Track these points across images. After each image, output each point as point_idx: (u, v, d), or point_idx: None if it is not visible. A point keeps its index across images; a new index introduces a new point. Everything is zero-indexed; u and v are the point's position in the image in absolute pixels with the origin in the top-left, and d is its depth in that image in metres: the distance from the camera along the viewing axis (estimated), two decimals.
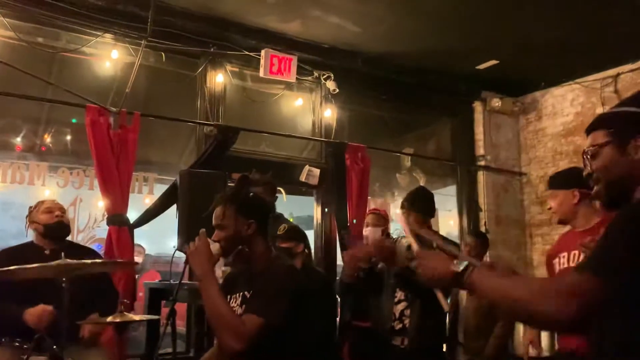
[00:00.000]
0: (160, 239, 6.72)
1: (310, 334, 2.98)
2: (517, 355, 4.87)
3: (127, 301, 2.95)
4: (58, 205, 3.35)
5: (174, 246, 2.63)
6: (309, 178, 5.40)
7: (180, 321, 4.62)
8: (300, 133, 5.65)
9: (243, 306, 2.21)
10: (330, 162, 5.51)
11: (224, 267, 3.47)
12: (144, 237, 6.29)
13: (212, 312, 2.11)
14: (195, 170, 4.31)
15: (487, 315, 4.34)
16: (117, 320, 2.54)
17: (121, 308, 2.62)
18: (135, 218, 4.42)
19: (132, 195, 4.45)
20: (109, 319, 2.57)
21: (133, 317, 2.73)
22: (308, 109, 5.74)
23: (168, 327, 2.49)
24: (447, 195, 6.76)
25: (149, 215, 4.45)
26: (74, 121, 4.88)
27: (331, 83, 5.47)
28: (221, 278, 2.83)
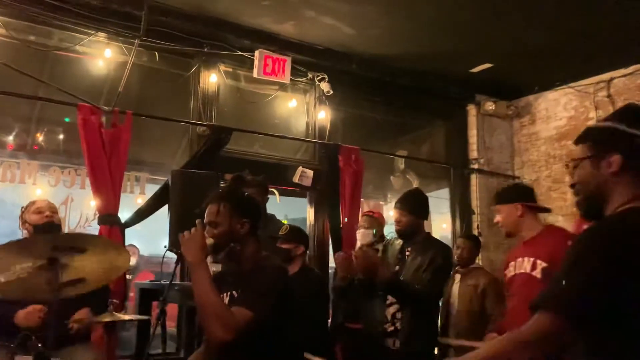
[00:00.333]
0: (155, 240, 6.70)
1: (299, 334, 3.00)
2: None
3: (116, 301, 2.92)
4: (49, 206, 3.33)
5: (165, 246, 2.61)
6: (303, 179, 5.39)
7: (171, 322, 4.60)
8: (294, 134, 5.64)
9: (231, 306, 2.20)
10: (324, 163, 5.51)
11: (214, 267, 3.46)
12: (138, 238, 6.27)
13: (203, 301, 2.10)
14: (186, 171, 4.30)
15: (479, 318, 4.35)
16: (107, 320, 2.52)
17: (111, 308, 2.60)
18: (127, 218, 4.40)
19: (124, 195, 4.44)
20: (98, 318, 2.55)
21: (122, 316, 2.71)
22: (302, 110, 5.73)
23: (158, 328, 2.48)
24: (440, 198, 6.77)
25: (140, 215, 4.43)
26: (66, 120, 4.85)
27: (325, 84, 5.46)
28: None
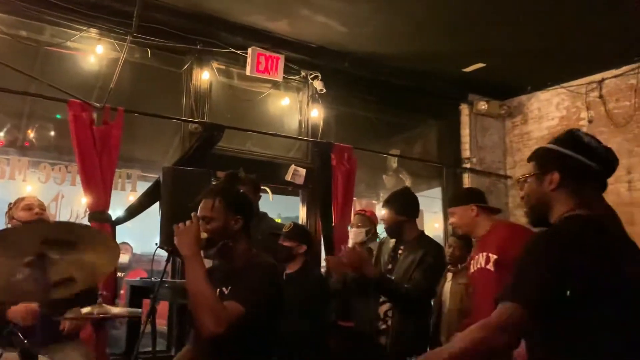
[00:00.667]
0: (148, 238, 6.67)
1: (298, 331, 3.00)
2: None
3: (106, 293, 2.90)
4: (38, 202, 3.29)
5: (155, 243, 2.59)
6: (295, 178, 5.39)
7: (162, 319, 4.58)
8: (287, 132, 5.62)
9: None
10: (317, 162, 5.50)
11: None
12: (131, 236, 6.24)
13: (196, 292, 2.10)
14: (178, 168, 4.28)
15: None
16: (95, 312, 2.50)
17: (100, 300, 2.59)
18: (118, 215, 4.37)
19: (116, 192, 4.42)
20: (86, 309, 2.53)
21: (110, 308, 2.69)
22: (295, 108, 5.72)
23: (148, 326, 2.46)
24: (432, 197, 6.78)
25: (131, 212, 4.40)
26: (58, 117, 4.81)
27: (318, 83, 5.46)
28: None
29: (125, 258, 6.17)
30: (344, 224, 5.18)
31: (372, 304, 3.46)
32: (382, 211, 3.60)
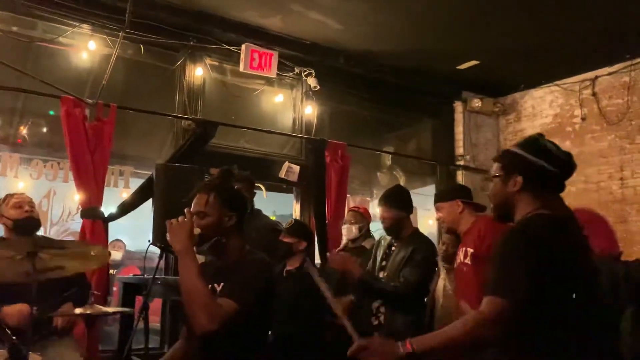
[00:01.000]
0: (141, 234, 6.65)
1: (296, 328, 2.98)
2: None
3: (97, 292, 2.89)
4: (27, 200, 3.26)
5: (148, 240, 2.58)
6: (289, 175, 5.38)
7: (155, 317, 4.57)
8: (281, 129, 5.61)
9: None
10: (310, 159, 5.49)
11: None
12: (124, 233, 6.22)
13: (189, 289, 2.08)
14: (171, 164, 4.27)
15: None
16: (88, 312, 2.49)
17: (92, 300, 2.58)
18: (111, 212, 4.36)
19: (108, 189, 4.40)
20: (79, 310, 2.52)
21: (103, 308, 2.69)
22: (288, 105, 5.71)
23: (141, 322, 2.45)
24: (426, 194, 6.78)
25: (124, 209, 4.39)
26: (51, 113, 4.79)
27: (312, 80, 5.44)
28: None
29: (118, 255, 6.15)
30: (338, 220, 5.18)
31: (367, 299, 3.47)
32: (379, 208, 3.59)
